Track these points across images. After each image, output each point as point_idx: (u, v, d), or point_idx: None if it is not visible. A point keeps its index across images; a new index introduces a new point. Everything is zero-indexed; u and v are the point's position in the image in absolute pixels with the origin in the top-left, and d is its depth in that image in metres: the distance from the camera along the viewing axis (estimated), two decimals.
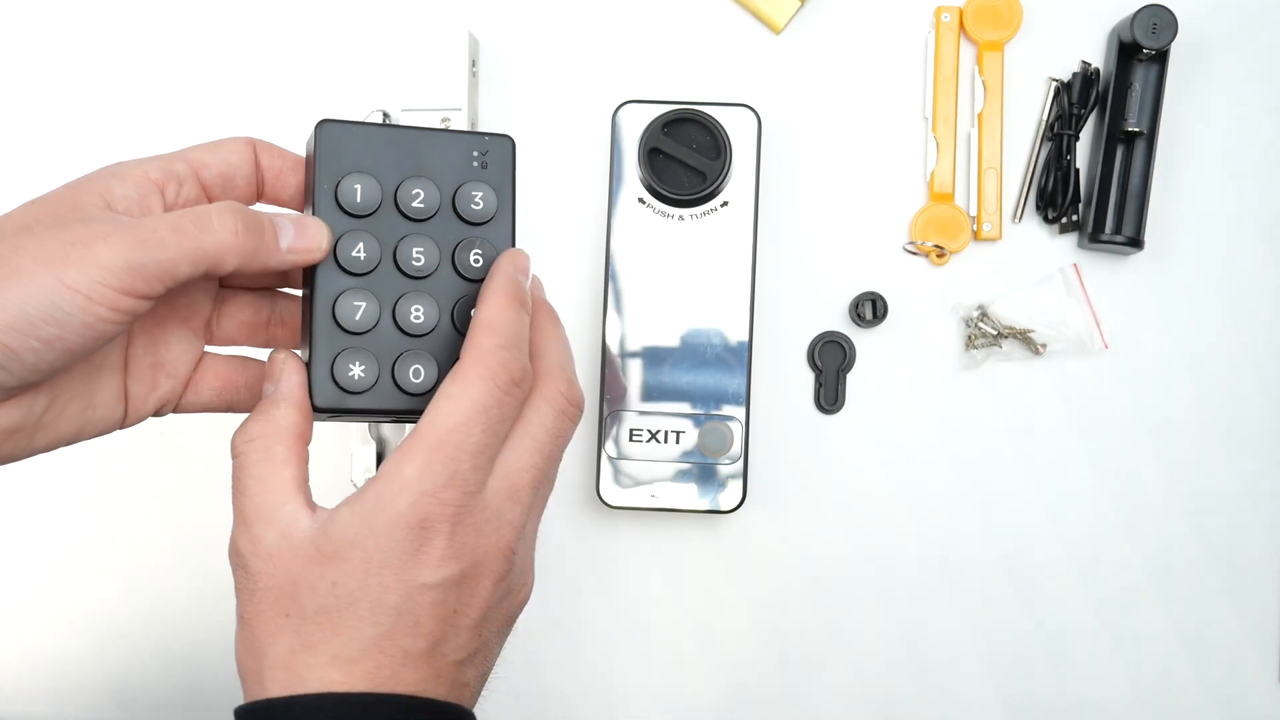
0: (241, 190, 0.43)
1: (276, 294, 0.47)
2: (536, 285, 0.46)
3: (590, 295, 0.67)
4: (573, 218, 0.67)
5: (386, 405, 0.43)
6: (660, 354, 0.63)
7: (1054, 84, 0.67)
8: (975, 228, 0.67)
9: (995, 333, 0.66)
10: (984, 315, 0.66)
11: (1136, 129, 0.65)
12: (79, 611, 0.67)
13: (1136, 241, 0.65)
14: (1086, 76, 0.66)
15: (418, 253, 0.43)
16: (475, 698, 0.43)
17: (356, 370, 0.42)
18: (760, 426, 0.66)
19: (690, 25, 0.68)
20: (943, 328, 0.67)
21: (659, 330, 0.63)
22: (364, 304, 0.43)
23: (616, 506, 0.63)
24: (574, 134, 0.68)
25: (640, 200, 0.63)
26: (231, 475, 0.41)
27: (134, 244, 0.37)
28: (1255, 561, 0.66)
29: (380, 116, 0.65)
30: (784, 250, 0.67)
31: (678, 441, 0.63)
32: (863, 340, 0.67)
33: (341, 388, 0.42)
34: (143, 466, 0.68)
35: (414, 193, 0.44)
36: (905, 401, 0.67)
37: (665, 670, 0.67)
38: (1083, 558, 0.67)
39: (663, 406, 0.63)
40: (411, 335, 0.43)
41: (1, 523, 0.68)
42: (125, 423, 0.43)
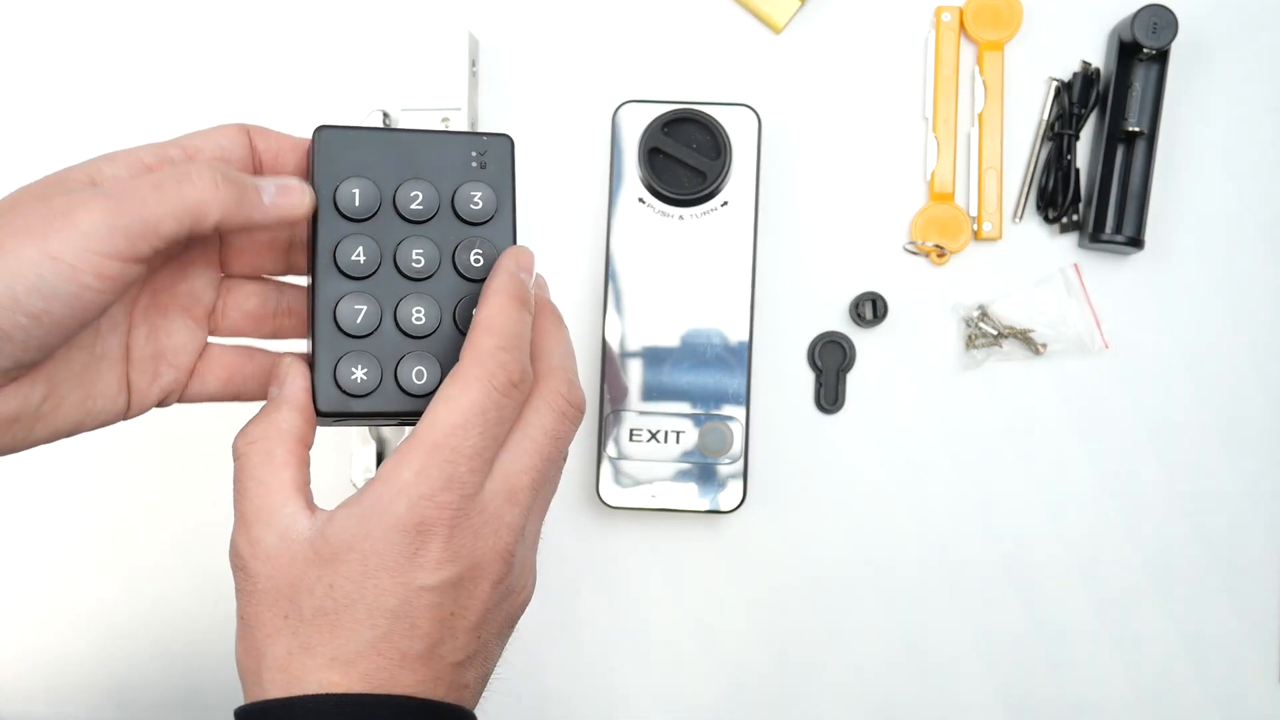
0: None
1: (283, 285, 0.47)
2: (540, 285, 0.45)
3: (590, 295, 0.67)
4: (573, 218, 0.67)
5: (390, 408, 0.43)
6: (660, 354, 0.63)
7: (1054, 84, 0.67)
8: (975, 228, 0.67)
9: (995, 333, 0.66)
10: (984, 315, 0.66)
11: (1137, 129, 0.65)
12: (79, 611, 0.67)
13: (1136, 241, 0.65)
14: (1087, 76, 0.66)
15: (417, 254, 0.43)
16: (476, 699, 0.43)
17: (359, 373, 0.42)
18: (760, 426, 0.66)
19: (690, 25, 0.68)
20: (943, 328, 0.67)
21: (659, 330, 0.63)
22: (365, 307, 0.43)
23: (616, 506, 0.63)
24: (574, 134, 0.68)
25: (640, 200, 0.63)
26: (233, 477, 0.41)
27: (114, 206, 0.37)
28: (1255, 561, 0.66)
29: (380, 116, 0.65)
30: (784, 250, 0.67)
31: (678, 441, 0.63)
32: (863, 340, 0.67)
33: (345, 391, 0.42)
34: (143, 466, 0.68)
35: (412, 195, 0.44)
36: (905, 401, 0.67)
37: (665, 670, 0.67)
38: (1083, 558, 0.67)
39: (663, 406, 0.63)
40: (413, 337, 0.43)
41: (1, 522, 0.68)
42: (129, 413, 0.43)
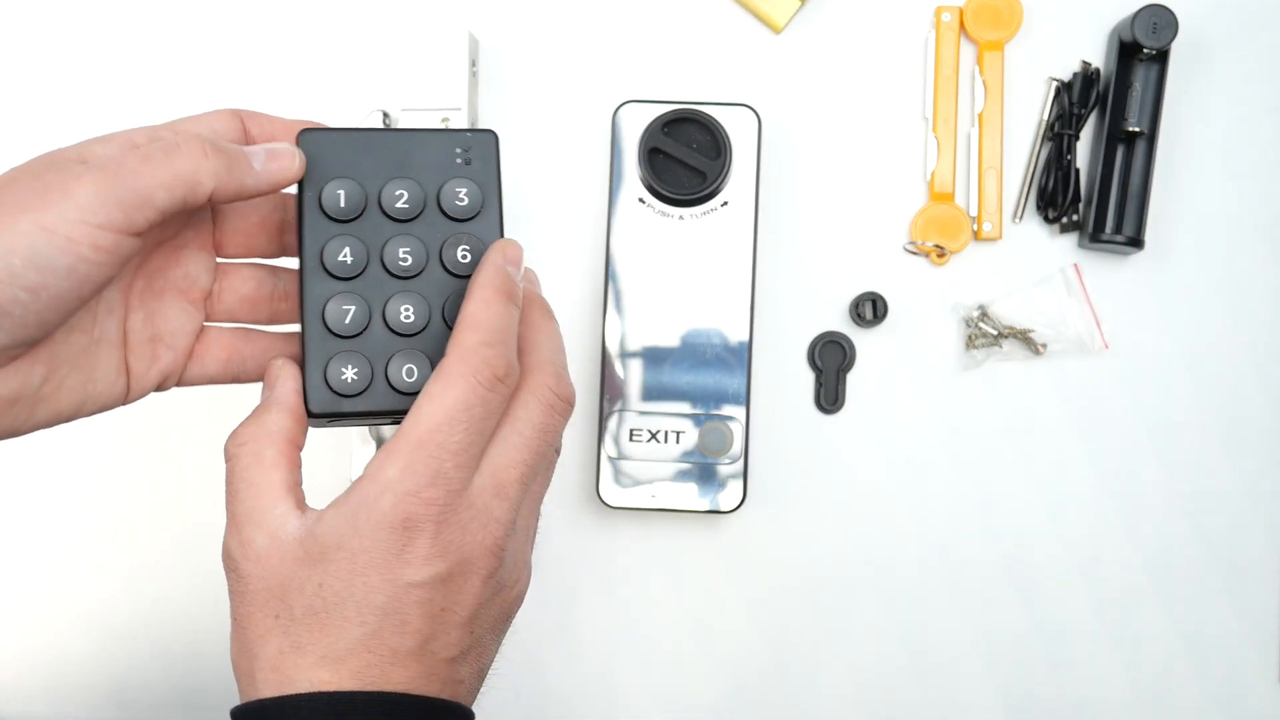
0: None
1: (278, 269, 0.47)
2: (530, 279, 0.45)
3: (590, 295, 0.67)
4: (573, 218, 0.67)
5: (381, 406, 0.43)
6: (660, 354, 0.63)
7: (1054, 84, 0.67)
8: (975, 228, 0.67)
9: (995, 333, 0.66)
10: (984, 315, 0.66)
11: (1137, 129, 0.65)
12: (79, 611, 0.67)
13: (1137, 241, 0.65)
14: (1087, 76, 0.66)
15: (404, 253, 0.44)
16: (473, 694, 0.43)
17: (349, 373, 0.43)
18: (760, 426, 0.66)
19: (690, 25, 0.68)
20: (943, 328, 0.67)
21: (659, 330, 0.63)
22: (353, 307, 0.43)
23: (616, 506, 0.63)
24: (574, 134, 0.68)
25: (640, 200, 0.63)
26: (225, 479, 0.41)
27: (107, 179, 0.38)
28: (1255, 561, 0.66)
29: (380, 116, 0.65)
30: (784, 250, 0.67)
31: (678, 441, 0.63)
32: (863, 340, 0.67)
33: (336, 391, 0.43)
34: (143, 466, 0.68)
35: (397, 194, 0.44)
36: (905, 401, 0.67)
37: (665, 670, 0.67)
38: (1083, 558, 0.67)
39: (663, 406, 0.63)
40: (403, 335, 0.43)
41: (1, 522, 0.68)
42: (128, 397, 0.44)
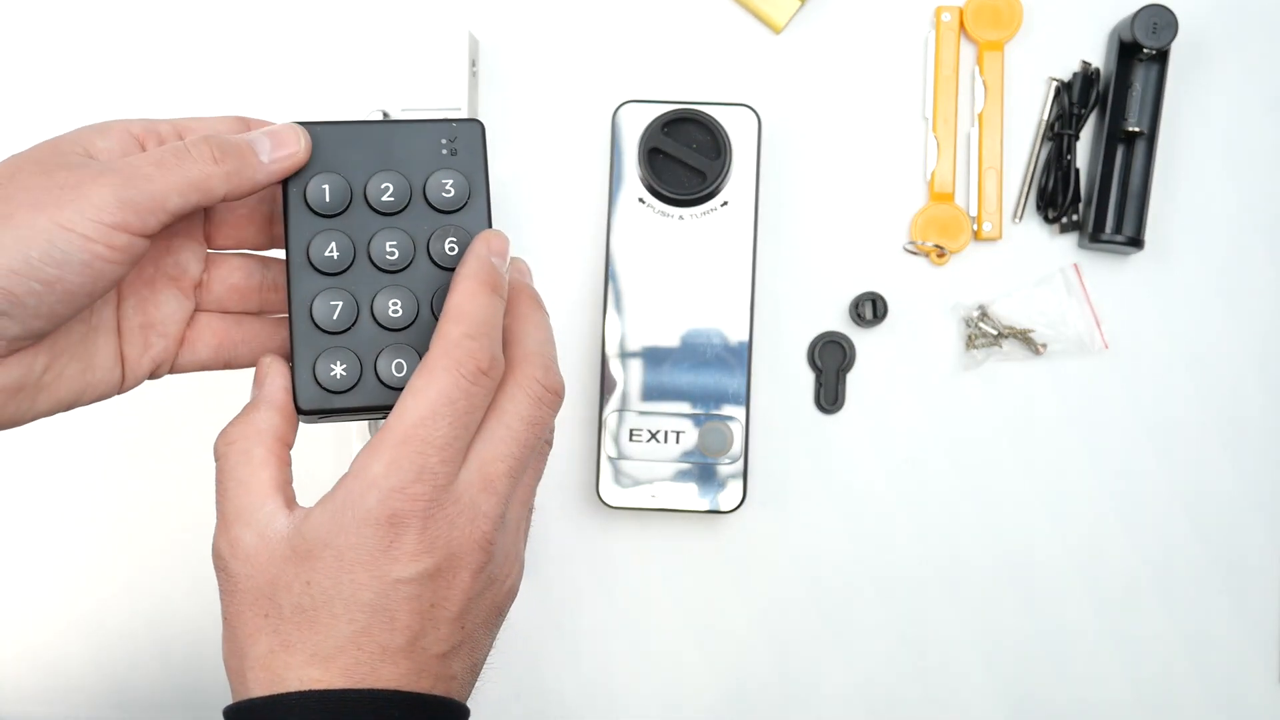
0: None
1: (268, 259, 0.47)
2: (520, 270, 0.45)
3: (590, 295, 0.67)
4: (573, 218, 0.67)
5: (371, 402, 0.43)
6: (660, 354, 0.63)
7: (1054, 84, 0.67)
8: (975, 228, 0.67)
9: (995, 333, 0.66)
10: (984, 315, 0.66)
11: (1137, 129, 0.65)
12: (78, 612, 0.67)
13: (1136, 241, 0.65)
14: (1087, 76, 0.66)
15: (391, 246, 0.43)
16: (466, 690, 0.43)
17: (338, 369, 0.42)
18: (760, 426, 0.66)
19: (690, 25, 0.68)
20: (943, 328, 0.67)
21: (659, 330, 0.63)
22: (340, 303, 0.43)
23: (616, 506, 0.63)
24: (574, 134, 0.68)
25: (640, 200, 0.63)
26: (214, 477, 0.41)
27: (121, 181, 0.38)
28: (1255, 561, 0.66)
29: (380, 116, 0.65)
30: (784, 250, 0.67)
31: (678, 441, 0.63)
32: (863, 340, 0.67)
33: (324, 388, 0.42)
34: (142, 466, 0.68)
35: (383, 187, 0.43)
36: (905, 401, 0.67)
37: (665, 670, 0.67)
38: (1083, 557, 0.67)
39: (663, 406, 0.63)
40: (391, 330, 0.43)
41: (1, 523, 0.68)
42: (124, 386, 0.44)
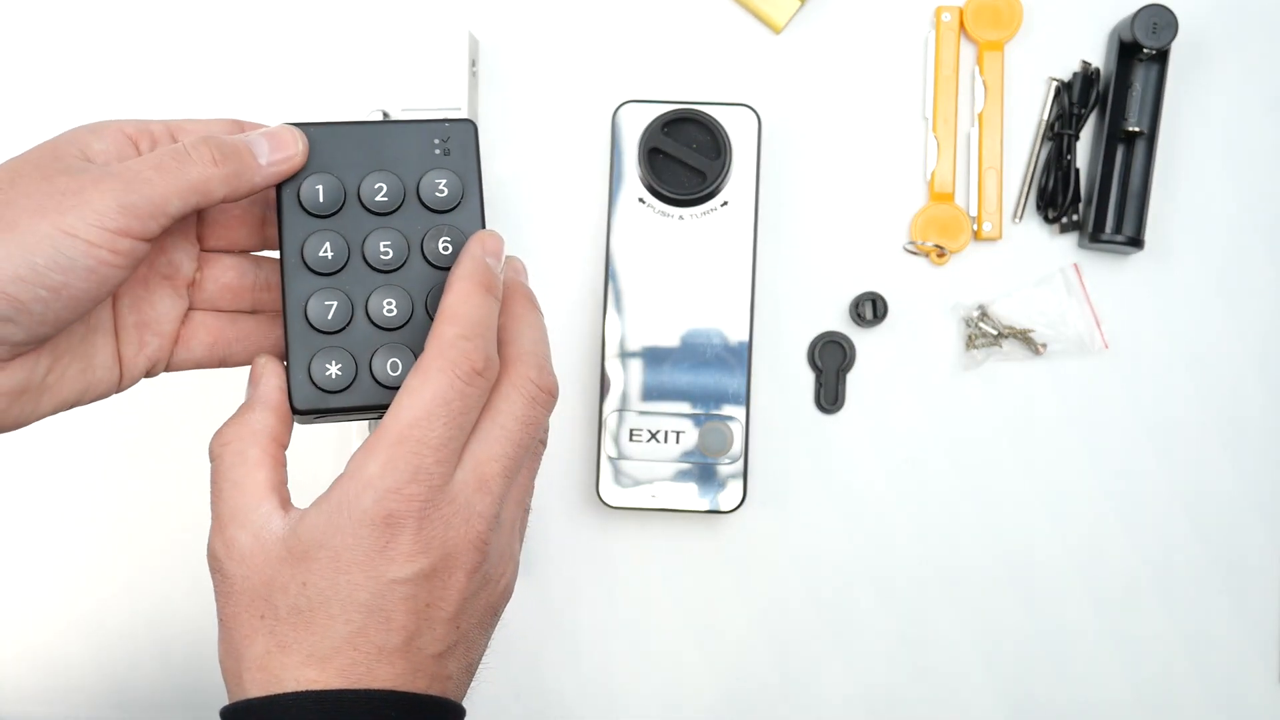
0: None
1: (260, 259, 0.47)
2: (515, 269, 0.45)
3: (590, 295, 0.67)
4: (573, 218, 0.67)
5: (367, 401, 0.43)
6: (660, 354, 0.63)
7: (1054, 84, 0.67)
8: (975, 227, 0.67)
9: (995, 333, 0.66)
10: (984, 315, 0.66)
11: (1137, 129, 0.65)
12: (79, 611, 0.67)
13: (1137, 241, 0.65)
14: (1087, 76, 0.66)
15: (385, 246, 0.43)
16: (462, 689, 0.43)
17: (333, 369, 0.42)
18: (760, 426, 0.66)
19: (690, 25, 0.68)
20: (943, 328, 0.67)
21: (659, 330, 0.63)
22: (335, 302, 0.43)
23: (616, 506, 0.63)
24: (574, 134, 0.68)
25: (640, 200, 0.63)
26: (210, 478, 0.41)
27: (122, 186, 0.39)
28: (1255, 561, 0.66)
29: (380, 116, 0.65)
30: (784, 250, 0.67)
31: (678, 441, 0.63)
32: (863, 340, 0.67)
33: (320, 388, 0.43)
34: (142, 467, 0.68)
35: (376, 187, 0.44)
36: (905, 401, 0.67)
37: (665, 670, 0.67)
38: (1083, 557, 0.67)
39: (663, 406, 0.63)
40: (386, 329, 0.43)
41: (1, 523, 0.68)
42: (121, 384, 0.44)
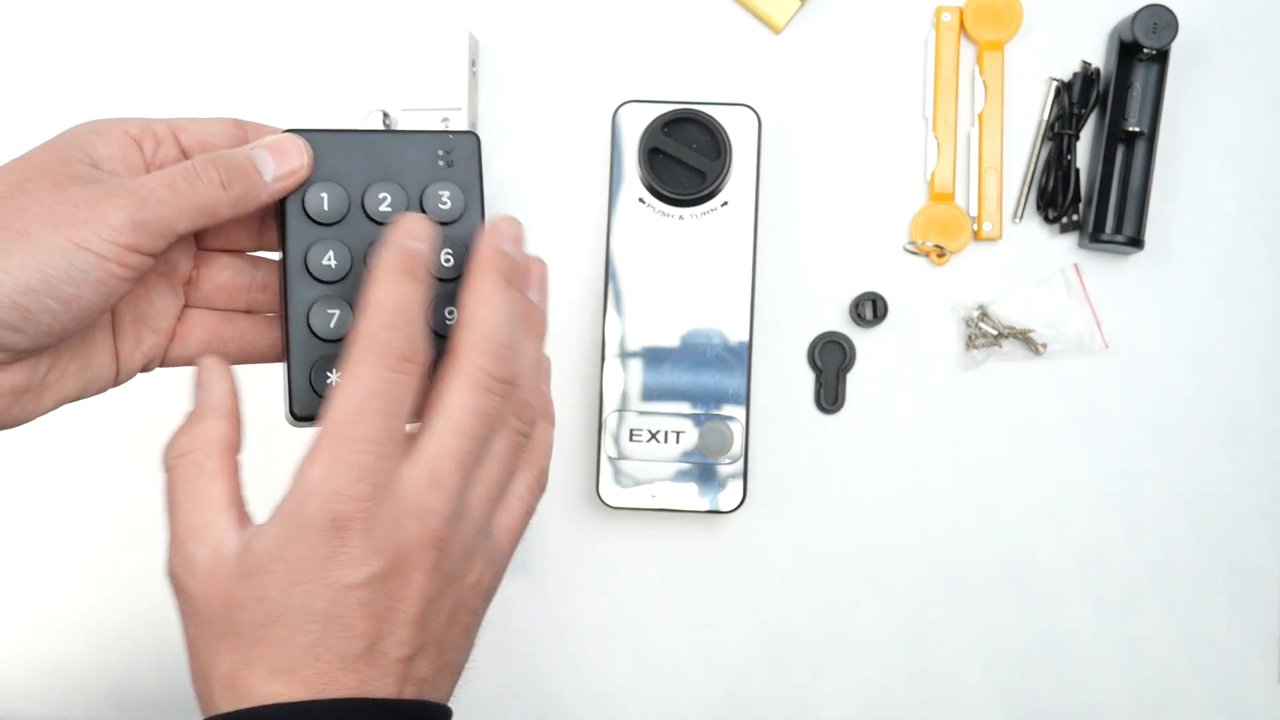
0: None
1: (257, 259, 0.47)
2: (498, 233, 0.42)
3: (590, 295, 0.67)
4: (573, 218, 0.67)
5: None
6: (660, 354, 0.63)
7: (1054, 84, 0.67)
8: (975, 228, 0.67)
9: (995, 333, 0.66)
10: (984, 315, 0.66)
11: (1137, 129, 0.65)
12: (78, 611, 0.67)
13: (1137, 241, 0.65)
14: (1087, 76, 0.66)
15: None
16: (444, 691, 0.42)
17: (334, 377, 0.42)
18: (760, 426, 0.66)
19: (690, 25, 0.68)
20: (943, 328, 0.67)
21: (659, 330, 0.63)
22: (337, 311, 0.43)
23: (616, 507, 0.63)
24: (574, 134, 0.68)
25: (640, 200, 0.63)
26: (164, 492, 0.40)
27: (135, 203, 0.39)
28: (1255, 561, 0.66)
29: (380, 116, 0.65)
30: (784, 250, 0.67)
31: (678, 441, 0.63)
32: (863, 340, 0.67)
33: (321, 395, 0.42)
34: (141, 465, 0.67)
35: (380, 197, 0.44)
36: (905, 401, 0.67)
37: (665, 670, 0.67)
38: (1083, 558, 0.67)
39: (663, 406, 0.63)
40: None
41: (1, 523, 0.68)
42: (118, 380, 0.44)
